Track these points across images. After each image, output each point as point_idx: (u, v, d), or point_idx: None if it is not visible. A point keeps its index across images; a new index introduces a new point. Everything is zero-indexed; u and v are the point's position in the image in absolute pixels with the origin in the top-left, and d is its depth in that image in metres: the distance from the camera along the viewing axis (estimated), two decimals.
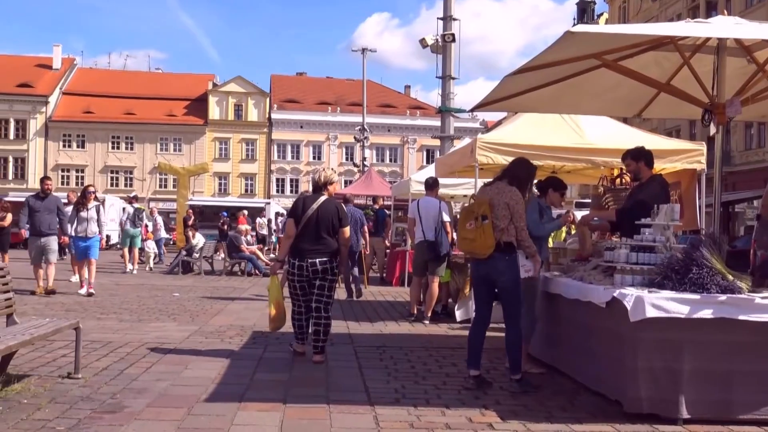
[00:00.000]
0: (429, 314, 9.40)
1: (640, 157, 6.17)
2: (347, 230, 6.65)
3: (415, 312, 9.62)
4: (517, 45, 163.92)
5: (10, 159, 58.77)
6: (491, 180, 5.84)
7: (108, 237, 22.68)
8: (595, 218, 6.80)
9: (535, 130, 8.81)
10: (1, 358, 5.14)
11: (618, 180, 8.42)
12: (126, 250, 18.13)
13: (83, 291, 11.72)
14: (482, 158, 8.59)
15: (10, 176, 57.78)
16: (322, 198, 6.56)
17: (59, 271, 13.33)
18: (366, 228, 14.04)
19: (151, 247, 19.76)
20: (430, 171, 13.74)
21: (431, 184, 9.81)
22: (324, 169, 6.97)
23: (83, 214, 12.04)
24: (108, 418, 4.39)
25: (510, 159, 8.46)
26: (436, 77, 18.23)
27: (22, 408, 4.57)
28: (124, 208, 18.70)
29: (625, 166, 6.58)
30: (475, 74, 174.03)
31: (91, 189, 12.70)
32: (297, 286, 6.57)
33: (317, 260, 6.43)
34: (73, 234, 12.21)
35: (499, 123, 27.51)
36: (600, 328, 5.19)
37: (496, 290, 5.56)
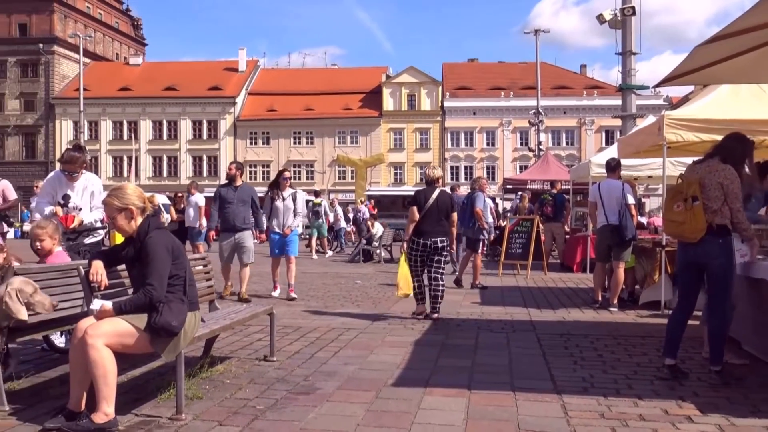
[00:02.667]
0: (615, 301, 9.02)
1: None
2: (455, 215, 8.59)
3: (600, 299, 9.28)
4: (707, 13, 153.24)
5: (204, 157, 63.53)
6: (701, 158, 5.42)
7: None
8: None
9: (730, 103, 8.13)
10: (205, 341, 5.57)
11: None
12: (314, 240, 20.66)
13: (277, 293, 10.41)
14: (671, 136, 8.07)
15: (205, 173, 62.39)
16: (438, 190, 8.27)
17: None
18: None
19: (378, 228, 20.28)
20: (610, 152, 13.16)
21: (613, 166, 9.40)
22: (433, 168, 8.64)
23: (279, 203, 10.32)
24: (302, 399, 4.61)
25: (702, 136, 7.94)
26: (616, 54, 17.40)
27: (225, 387, 4.91)
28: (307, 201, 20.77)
29: None
30: (661, 48, 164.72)
31: (287, 174, 10.70)
32: (418, 260, 8.25)
33: (438, 239, 8.14)
34: (268, 228, 10.60)
35: (685, 99, 25.80)
36: None
37: (705, 276, 5.19)
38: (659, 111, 11.04)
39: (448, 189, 9.91)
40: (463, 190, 16.99)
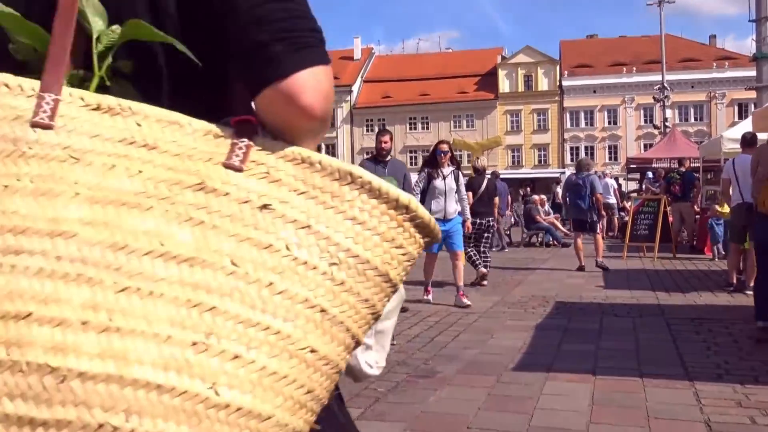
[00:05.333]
0: (752, 284, 8.49)
1: None
2: (497, 198, 10.75)
3: (735, 281, 8.77)
4: None
5: (323, 146, 64.98)
6: None
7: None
8: None
9: None
10: None
11: None
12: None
13: (430, 297, 8.24)
14: None
15: None
16: (487, 178, 10.26)
17: None
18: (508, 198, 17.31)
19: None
20: (744, 127, 12.38)
21: (749, 140, 8.81)
22: (479, 159, 10.72)
23: (438, 182, 8.10)
24: (422, 383, 4.62)
25: None
26: (749, 21, 16.31)
27: None
28: None
29: None
30: None
31: (444, 147, 8.29)
32: (472, 234, 9.51)
33: (488, 219, 9.99)
34: None
35: None
36: None
37: None
38: None
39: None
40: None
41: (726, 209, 11.34)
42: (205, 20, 0.97)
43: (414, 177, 8.23)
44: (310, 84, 0.92)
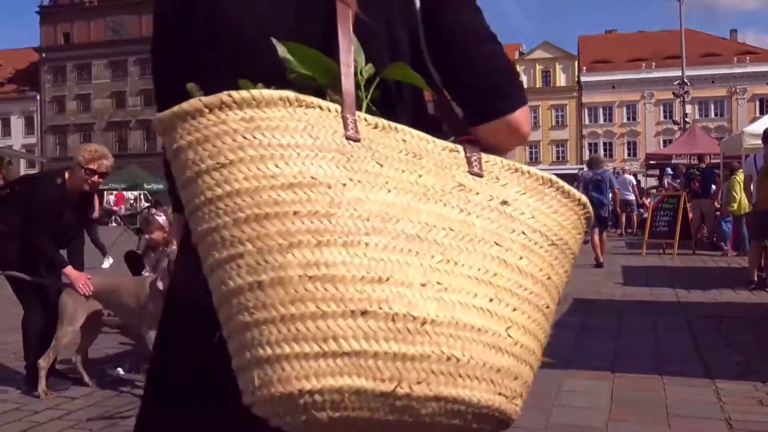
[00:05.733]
0: None
1: None
2: None
3: (756, 279, 8.69)
4: None
5: None
6: None
7: None
8: None
9: None
10: None
11: None
12: None
13: None
14: None
15: None
16: None
17: None
18: None
19: None
20: (766, 122, 12.27)
21: None
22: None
23: None
24: None
25: None
26: None
27: None
28: None
29: None
30: None
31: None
32: None
33: None
34: None
35: None
36: None
37: None
38: None
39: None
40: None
41: (734, 207, 11.31)
42: (421, 61, 1.23)
43: None
44: (524, 117, 1.25)
